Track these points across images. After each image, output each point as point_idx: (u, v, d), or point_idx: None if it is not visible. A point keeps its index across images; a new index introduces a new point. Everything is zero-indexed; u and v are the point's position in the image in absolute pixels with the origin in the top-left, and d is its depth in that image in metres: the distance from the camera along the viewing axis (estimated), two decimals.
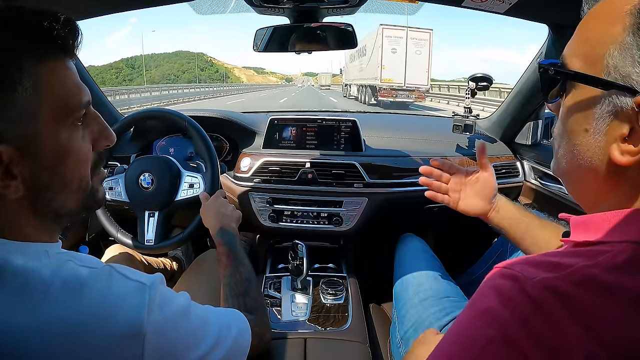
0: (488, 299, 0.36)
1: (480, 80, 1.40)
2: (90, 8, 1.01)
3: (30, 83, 0.43)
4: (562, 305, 0.32)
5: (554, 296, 0.33)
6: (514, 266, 0.36)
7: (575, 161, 0.41)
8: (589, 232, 0.39)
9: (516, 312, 0.33)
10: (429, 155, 1.41)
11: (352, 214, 1.31)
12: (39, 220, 0.47)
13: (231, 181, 1.38)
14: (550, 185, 1.29)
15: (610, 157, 0.37)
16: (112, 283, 0.46)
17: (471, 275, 1.23)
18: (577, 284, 0.33)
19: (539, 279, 0.34)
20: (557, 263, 0.35)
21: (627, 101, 0.35)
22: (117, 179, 1.14)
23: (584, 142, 0.39)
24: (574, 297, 0.33)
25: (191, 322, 0.53)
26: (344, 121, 1.38)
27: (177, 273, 1.39)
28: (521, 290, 0.34)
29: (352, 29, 1.08)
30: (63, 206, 0.49)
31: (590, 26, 0.39)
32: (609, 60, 0.36)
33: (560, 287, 0.33)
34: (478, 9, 0.99)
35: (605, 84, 0.36)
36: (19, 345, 0.41)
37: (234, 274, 0.81)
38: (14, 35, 0.43)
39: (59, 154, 0.46)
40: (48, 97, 0.44)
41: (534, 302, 0.33)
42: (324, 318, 1.02)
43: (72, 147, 0.47)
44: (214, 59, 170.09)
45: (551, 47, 1.14)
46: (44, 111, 0.44)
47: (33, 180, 0.45)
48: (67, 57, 0.47)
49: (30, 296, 0.42)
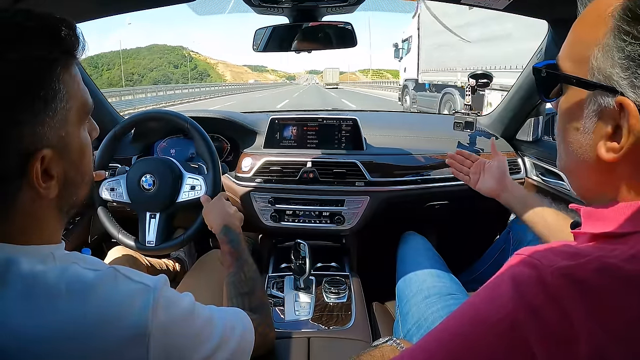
0: (504, 284, 0.37)
1: (480, 77, 1.40)
2: (89, 10, 1.01)
3: (64, 90, 0.46)
4: (578, 294, 0.33)
5: (571, 283, 0.33)
6: (534, 253, 0.37)
7: (572, 158, 0.43)
8: (604, 223, 0.40)
9: (528, 300, 0.34)
10: (430, 153, 1.41)
11: (354, 213, 1.31)
12: (59, 217, 0.50)
13: (232, 181, 1.38)
14: (552, 182, 1.29)
15: (598, 154, 0.39)
16: (117, 285, 0.47)
17: (474, 273, 1.23)
18: (595, 272, 0.34)
19: (557, 266, 0.35)
20: (575, 252, 0.36)
21: (610, 101, 0.37)
22: (119, 179, 1.14)
23: (576, 140, 0.42)
24: (591, 285, 0.33)
25: (196, 323, 0.53)
26: (345, 120, 1.38)
27: (179, 274, 1.39)
28: (538, 279, 0.35)
29: (351, 28, 1.08)
30: (77, 198, 0.52)
31: (579, 29, 0.41)
32: (594, 62, 0.38)
33: (578, 274, 0.34)
34: (477, 5, 0.99)
35: (590, 85, 0.38)
36: (24, 349, 0.41)
37: (238, 273, 0.82)
38: (48, 44, 0.45)
39: (82, 151, 0.51)
40: (74, 101, 0.48)
41: (549, 292, 0.34)
42: (327, 317, 1.02)
43: (87, 143, 0.52)
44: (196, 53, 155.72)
45: (551, 43, 1.14)
46: (72, 114, 0.48)
47: (65, 178, 0.48)
48: (76, 62, 0.49)
49: (36, 300, 0.42)
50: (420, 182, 1.36)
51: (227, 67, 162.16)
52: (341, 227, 1.32)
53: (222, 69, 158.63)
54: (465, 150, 1.44)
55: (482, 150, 1.45)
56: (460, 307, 0.41)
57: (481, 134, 1.51)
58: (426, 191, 1.36)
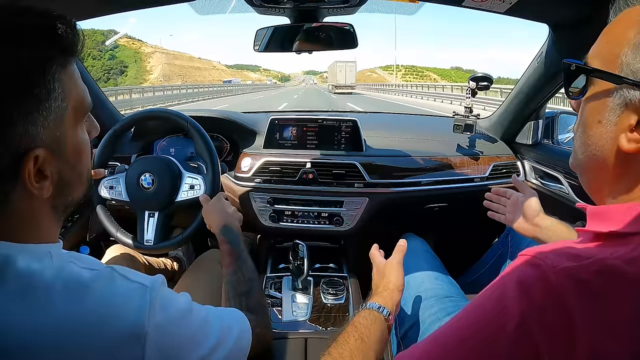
0: (509, 284, 0.39)
1: (480, 80, 1.40)
2: (90, 9, 1.01)
3: (60, 89, 0.45)
4: (580, 294, 0.35)
5: (573, 284, 0.35)
6: (538, 254, 0.39)
7: (589, 151, 0.45)
8: (608, 222, 0.42)
9: (533, 300, 0.36)
10: (429, 155, 1.41)
11: (353, 214, 1.31)
12: (54, 216, 0.50)
13: (232, 181, 1.38)
14: (551, 185, 1.29)
15: (619, 145, 0.41)
16: (114, 285, 0.46)
17: (472, 275, 1.23)
18: (597, 273, 0.36)
19: (561, 267, 0.37)
20: (577, 253, 0.38)
21: (636, 94, 0.40)
22: (118, 178, 1.14)
23: (597, 132, 0.43)
24: (593, 286, 0.35)
25: (192, 323, 0.53)
26: (345, 121, 1.38)
27: (177, 273, 1.39)
28: (542, 279, 0.37)
29: (352, 29, 1.08)
30: (74, 197, 0.52)
31: (611, 31, 0.44)
32: (623, 59, 0.40)
33: (581, 275, 0.36)
34: (478, 8, 0.99)
35: (618, 79, 0.41)
36: (19, 347, 0.41)
37: (236, 273, 0.82)
38: (43, 42, 0.44)
39: (78, 150, 0.50)
40: (70, 100, 0.47)
41: (552, 292, 0.36)
42: (325, 318, 1.02)
43: (84, 142, 0.51)
44: (132, 40, 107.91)
45: (551, 47, 1.14)
46: (68, 113, 0.47)
47: (59, 178, 0.47)
48: (74, 60, 0.49)
49: (33, 298, 0.42)
50: (419, 184, 1.36)
51: (175, 59, 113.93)
52: (340, 228, 1.32)
53: (171, 60, 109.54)
54: (465, 152, 1.45)
55: (481, 152, 1.45)
56: (466, 308, 0.43)
57: (481, 136, 1.51)
58: (425, 193, 1.36)
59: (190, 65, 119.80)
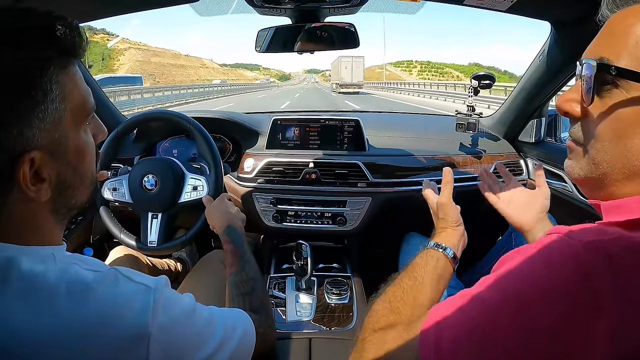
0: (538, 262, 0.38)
1: (483, 79, 1.40)
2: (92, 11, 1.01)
3: (58, 91, 0.44)
4: (606, 267, 0.34)
5: (602, 257, 0.35)
6: (566, 232, 0.38)
7: (631, 163, 0.40)
8: (626, 213, 0.40)
9: (563, 275, 0.36)
10: (432, 154, 1.40)
11: (356, 214, 1.31)
12: (56, 219, 0.49)
13: (234, 182, 1.38)
14: (554, 184, 1.28)
15: None
16: (117, 286, 0.47)
17: (476, 274, 1.23)
18: (625, 248, 0.35)
19: (587, 240, 0.36)
20: (604, 230, 0.38)
21: None
22: (121, 179, 1.14)
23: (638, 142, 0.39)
24: (621, 260, 0.35)
25: (196, 324, 0.53)
26: (347, 121, 1.38)
27: (181, 274, 1.40)
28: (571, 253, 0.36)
29: (354, 29, 1.08)
30: (77, 201, 0.51)
31: None
32: None
33: (609, 248, 0.35)
34: (480, 7, 0.99)
35: None
36: (23, 348, 0.41)
37: (240, 273, 0.82)
38: (43, 43, 0.44)
39: (79, 153, 0.49)
40: (70, 103, 0.46)
41: (581, 266, 0.35)
42: (329, 318, 1.02)
43: (87, 145, 0.51)
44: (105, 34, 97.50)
45: (553, 45, 1.14)
46: (68, 116, 0.46)
47: (59, 181, 0.47)
48: (76, 61, 0.48)
49: (36, 300, 0.42)
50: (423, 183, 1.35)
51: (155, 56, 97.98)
52: (343, 228, 1.32)
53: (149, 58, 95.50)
54: (467, 151, 1.44)
55: (484, 151, 1.44)
56: (506, 275, 0.40)
57: (483, 135, 1.51)
58: None
59: (173, 63, 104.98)
